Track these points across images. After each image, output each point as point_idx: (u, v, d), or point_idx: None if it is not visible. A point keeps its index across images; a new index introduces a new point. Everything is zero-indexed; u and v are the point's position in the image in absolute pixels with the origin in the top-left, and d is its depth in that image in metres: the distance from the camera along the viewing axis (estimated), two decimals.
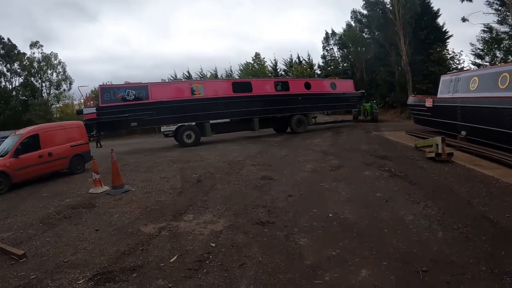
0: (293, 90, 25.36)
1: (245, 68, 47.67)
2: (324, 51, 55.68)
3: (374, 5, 40.45)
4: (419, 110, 21.33)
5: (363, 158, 13.18)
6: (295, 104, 25.17)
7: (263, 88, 24.67)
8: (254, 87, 24.12)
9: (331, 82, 28.51)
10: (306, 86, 26.08)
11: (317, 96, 26.26)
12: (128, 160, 17.35)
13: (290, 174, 11.21)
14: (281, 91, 25.09)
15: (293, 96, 25.18)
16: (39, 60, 53.55)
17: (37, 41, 53.80)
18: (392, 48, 39.56)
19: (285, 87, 25.45)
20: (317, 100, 26.43)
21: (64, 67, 55.94)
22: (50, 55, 53.81)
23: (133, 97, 20.47)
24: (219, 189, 9.83)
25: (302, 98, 25.43)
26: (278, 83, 25.86)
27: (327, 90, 27.21)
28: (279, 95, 24.81)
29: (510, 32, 30.64)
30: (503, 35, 32.21)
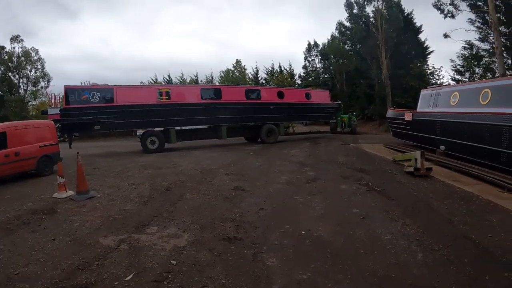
0: (264, 99, 24.84)
1: (225, 74, 47.12)
2: (306, 62, 55.54)
3: (357, 18, 40.68)
4: (398, 123, 21.16)
5: (340, 171, 12.80)
6: (266, 113, 24.53)
7: (233, 95, 23.90)
8: (224, 94, 23.40)
9: (306, 92, 27.97)
10: (279, 95, 25.38)
11: (290, 105, 25.55)
12: (100, 164, 16.78)
13: (264, 186, 10.73)
14: (252, 99, 24.46)
15: (265, 105, 24.61)
16: (18, 55, 51.40)
17: (18, 35, 52.02)
18: (373, 61, 39.56)
19: (256, 95, 24.92)
20: (290, 110, 25.72)
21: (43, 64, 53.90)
22: (31, 51, 52.10)
23: (97, 99, 19.78)
24: (188, 199, 9.27)
25: (274, 107, 24.84)
26: (249, 91, 25.22)
27: (301, 99, 26.53)
28: (249, 103, 24.10)
29: (491, 50, 30.83)
30: (483, 53, 32.54)
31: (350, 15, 41.27)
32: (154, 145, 21.30)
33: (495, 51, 25.61)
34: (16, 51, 50.96)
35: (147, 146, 21.20)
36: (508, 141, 11.27)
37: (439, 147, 15.87)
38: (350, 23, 42.93)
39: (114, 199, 9.49)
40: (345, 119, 34.09)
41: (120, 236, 6.62)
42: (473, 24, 31.27)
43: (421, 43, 41.18)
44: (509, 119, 11.25)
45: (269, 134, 24.91)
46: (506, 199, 8.66)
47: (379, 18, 36.91)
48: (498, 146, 11.73)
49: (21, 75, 51.69)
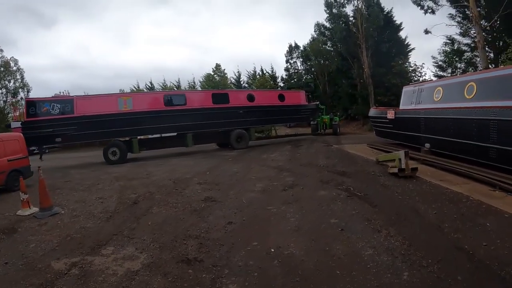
0: (233, 103, 23.74)
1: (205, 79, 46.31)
2: (288, 64, 55.14)
3: (337, 18, 40.12)
4: (381, 122, 20.48)
5: (320, 175, 12.00)
6: (235, 118, 23.54)
7: (198, 101, 23.14)
8: (189, 100, 22.59)
9: (279, 93, 27.07)
10: (249, 98, 24.57)
11: (261, 108, 24.55)
12: (73, 176, 16.03)
13: (237, 195, 9.94)
14: (219, 103, 23.28)
15: (233, 109, 23.56)
16: None
17: None
18: (354, 60, 39.34)
19: (224, 99, 23.73)
20: (261, 113, 24.72)
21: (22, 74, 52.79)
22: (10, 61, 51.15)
23: (58, 111, 19.25)
24: (154, 214, 8.52)
25: (244, 111, 23.84)
26: (216, 95, 24.17)
27: (274, 102, 25.40)
28: (216, 108, 23.06)
29: (472, 44, 30.55)
30: (465, 47, 32.34)
31: (329, 15, 40.64)
32: (115, 156, 20.47)
33: (477, 45, 25.21)
34: None
35: (108, 157, 20.41)
36: (496, 136, 10.59)
37: (424, 145, 15.21)
38: (329, 23, 42.30)
39: (77, 215, 8.81)
40: (326, 120, 33.48)
41: (74, 258, 5.98)
42: (453, 19, 31.13)
43: (401, 41, 41.10)
44: (497, 112, 10.57)
45: (239, 140, 24.05)
46: (498, 199, 7.98)
47: (359, 17, 36.53)
48: (486, 142, 11.04)
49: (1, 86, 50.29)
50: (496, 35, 29.49)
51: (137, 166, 18.09)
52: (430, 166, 12.32)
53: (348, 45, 39.13)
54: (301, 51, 53.05)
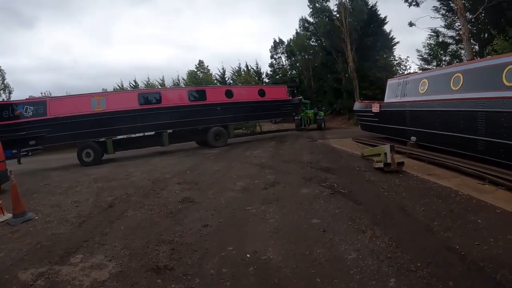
0: (210, 100, 23.07)
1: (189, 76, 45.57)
2: (272, 60, 54.81)
3: (321, 12, 39.63)
4: (366, 116, 20.10)
5: (303, 172, 11.53)
6: (212, 115, 22.90)
7: (174, 98, 22.42)
8: (164, 98, 22.01)
9: (259, 88, 26.28)
10: (227, 94, 23.79)
11: (240, 105, 23.86)
12: (52, 179, 15.52)
13: (215, 195, 9.46)
14: (196, 101, 22.76)
15: (210, 106, 22.91)
16: None
17: None
18: (339, 55, 38.96)
19: (201, 96, 23.07)
20: (240, 109, 23.97)
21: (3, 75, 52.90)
22: None
23: (31, 113, 18.78)
24: (128, 217, 8.04)
25: (222, 108, 23.25)
26: (192, 92, 23.44)
27: (253, 97, 24.70)
28: (193, 105, 22.49)
29: (457, 37, 30.36)
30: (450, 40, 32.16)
31: (313, 9, 40.17)
32: (89, 158, 19.99)
33: (462, 37, 24.91)
34: None
35: (82, 159, 19.97)
36: (484, 128, 10.22)
37: (410, 138, 14.83)
38: (313, 18, 41.81)
39: (50, 221, 8.39)
40: (310, 114, 32.80)
41: (41, 268, 5.59)
42: (438, 11, 30.81)
43: (386, 35, 40.69)
44: (485, 104, 10.20)
45: (217, 138, 23.33)
46: (488, 193, 7.60)
47: (343, 11, 36.01)
48: (474, 134, 10.67)
49: None
50: (481, 27, 29.21)
51: (118, 167, 17.57)
52: (417, 160, 11.96)
53: (332, 40, 38.69)
54: (285, 47, 52.80)
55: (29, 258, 6.08)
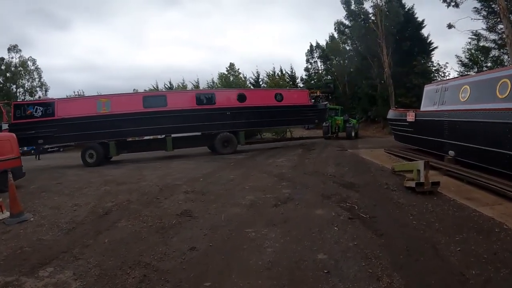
0: (220, 104, 22.21)
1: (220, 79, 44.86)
2: (308, 64, 53.74)
3: (356, 15, 38.12)
4: (400, 125, 18.50)
5: (323, 187, 10.27)
6: (221, 120, 21.93)
7: (180, 102, 21.76)
8: (170, 101, 21.44)
9: (276, 92, 24.54)
10: (239, 98, 22.78)
11: (252, 109, 22.55)
12: (68, 178, 15.66)
13: (218, 210, 8.48)
14: (204, 105, 21.99)
15: (219, 111, 22.03)
16: (16, 65, 54.19)
17: (15, 45, 55.07)
18: (374, 60, 37.23)
19: (210, 100, 22.30)
20: (253, 115, 22.67)
21: (40, 74, 56.71)
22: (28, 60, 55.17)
23: (40, 113, 19.88)
24: (118, 229, 7.50)
25: (232, 113, 22.19)
26: (201, 95, 22.72)
27: (269, 102, 23.21)
28: (200, 109, 21.71)
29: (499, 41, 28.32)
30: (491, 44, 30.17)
31: (348, 12, 38.60)
32: (92, 159, 20.31)
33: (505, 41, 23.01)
34: (13, 61, 54.73)
35: (86, 159, 20.40)
36: None
37: (448, 152, 13.23)
38: (348, 20, 40.18)
39: (43, 224, 8.23)
40: (339, 121, 30.65)
41: (9, 277, 5.39)
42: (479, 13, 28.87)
43: (423, 39, 38.54)
44: None
45: (225, 144, 22.32)
46: None
47: (378, 14, 34.56)
48: None
49: (18, 85, 55.14)
50: None
51: (135, 169, 17.36)
52: (455, 179, 10.44)
53: (368, 44, 36.93)
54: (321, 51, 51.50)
55: (4, 264, 5.91)
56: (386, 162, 14.29)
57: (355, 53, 43.03)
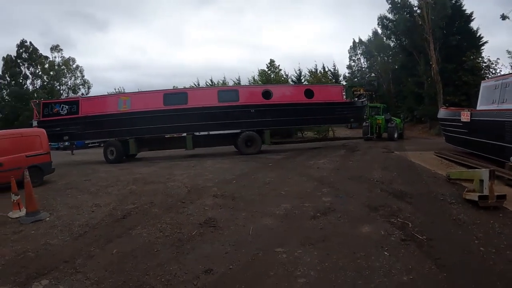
0: (244, 101, 21.18)
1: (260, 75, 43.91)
2: (351, 61, 52.34)
3: (400, 8, 36.32)
4: (453, 126, 16.85)
5: (369, 195, 9.09)
6: (245, 118, 20.89)
7: (201, 99, 21.05)
8: (190, 99, 20.92)
9: (306, 88, 22.87)
10: (264, 95, 21.46)
11: (279, 107, 21.22)
12: (98, 174, 15.73)
13: (247, 220, 7.54)
14: (227, 102, 21.06)
15: (242, 108, 21.00)
16: (58, 64, 57.94)
17: (57, 45, 58.81)
18: (420, 56, 35.30)
19: (233, 97, 21.35)
20: (280, 113, 21.30)
21: (82, 72, 60.47)
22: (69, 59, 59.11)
23: (65, 111, 20.75)
24: (131, 237, 6.89)
25: (257, 110, 21.02)
26: (223, 92, 21.92)
27: (298, 99, 21.65)
28: (222, 107, 20.85)
29: None
30: None
31: (391, 4, 36.74)
32: (112, 155, 20.80)
33: None
34: (56, 60, 58.41)
35: (107, 156, 20.92)
36: None
37: (509, 158, 11.66)
38: (392, 14, 38.20)
39: (56, 225, 7.91)
40: (380, 121, 28.01)
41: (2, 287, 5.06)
42: None
43: (473, 33, 35.93)
44: None
45: (249, 144, 21.22)
46: None
47: (424, 6, 32.64)
48: None
49: (61, 83, 59.28)
50: None
51: (168, 167, 17.03)
52: None
53: (413, 39, 35.15)
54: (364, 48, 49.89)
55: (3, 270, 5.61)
56: (438, 167, 12.91)
57: (400, 49, 41.24)
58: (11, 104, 50.60)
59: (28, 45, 55.95)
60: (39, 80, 57.38)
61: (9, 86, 54.67)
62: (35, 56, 56.09)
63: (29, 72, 56.49)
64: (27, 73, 56.42)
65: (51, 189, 12.42)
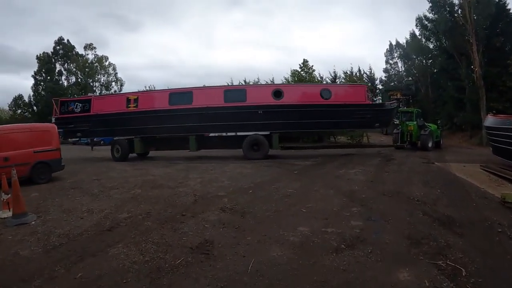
0: (251, 101, 19.68)
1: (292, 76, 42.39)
2: (387, 65, 50.74)
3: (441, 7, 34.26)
4: (503, 136, 14.77)
5: (409, 221, 7.36)
6: (251, 119, 19.45)
7: (207, 99, 20.03)
8: (196, 98, 20.10)
9: (322, 88, 20.94)
10: (275, 95, 19.80)
11: (290, 108, 19.49)
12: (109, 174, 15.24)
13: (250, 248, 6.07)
14: (233, 102, 19.85)
15: (249, 109, 19.57)
16: (92, 62, 61.22)
17: (91, 43, 62.13)
18: (462, 58, 32.91)
19: (239, 97, 20.07)
20: (291, 114, 19.45)
21: (115, 69, 63.46)
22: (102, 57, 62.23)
23: (79, 109, 21.45)
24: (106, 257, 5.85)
25: (265, 112, 19.43)
26: (229, 91, 20.81)
27: (312, 100, 19.70)
28: (227, 107, 19.70)
29: None
30: None
31: (432, 3, 34.62)
32: (118, 153, 20.98)
33: None
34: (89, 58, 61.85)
35: (113, 154, 21.22)
36: None
37: None
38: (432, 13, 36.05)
39: (36, 232, 7.29)
40: (412, 127, 24.68)
41: None
42: None
43: None
44: None
45: (255, 147, 19.75)
46: None
47: (466, 5, 30.40)
48: None
49: (94, 80, 62.11)
50: None
51: (184, 169, 16.22)
52: None
53: (454, 40, 32.81)
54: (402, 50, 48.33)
55: None
56: (488, 184, 11.17)
57: (439, 51, 38.61)
58: (46, 99, 51.75)
59: (65, 43, 59.26)
60: (73, 76, 60.53)
61: (44, 81, 57.68)
62: (71, 53, 59.06)
63: (64, 69, 59.92)
64: (62, 70, 59.82)
65: (55, 188, 12.13)
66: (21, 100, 60.74)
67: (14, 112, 60.91)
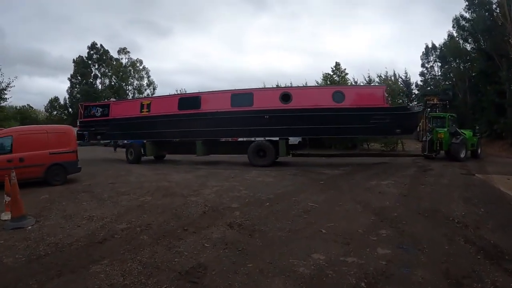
0: (258, 105, 18.81)
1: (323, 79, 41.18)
2: (423, 69, 48.94)
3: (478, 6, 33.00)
4: None
5: (448, 250, 6.10)
6: (257, 124, 18.65)
7: (214, 104, 19.82)
8: (204, 103, 20.15)
9: (335, 90, 19.21)
10: (282, 98, 18.64)
11: (299, 113, 18.19)
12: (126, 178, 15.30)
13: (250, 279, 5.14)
14: (240, 106, 19.14)
15: (255, 114, 18.73)
16: (125, 65, 63.65)
17: (124, 47, 64.57)
18: (502, 60, 30.89)
19: (246, 101, 19.18)
20: (301, 119, 18.25)
21: (148, 73, 65.69)
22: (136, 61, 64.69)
23: (99, 113, 22.87)
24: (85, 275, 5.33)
25: (272, 117, 18.39)
26: (236, 96, 19.72)
27: (323, 103, 18.09)
28: (233, 112, 19.14)
29: None
30: None
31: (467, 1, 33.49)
32: (131, 156, 21.93)
33: None
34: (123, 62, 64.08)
35: (128, 157, 22.15)
36: None
37: None
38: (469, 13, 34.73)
39: (29, 238, 7.15)
40: (443, 135, 22.22)
41: None
42: None
43: None
44: None
45: (261, 154, 19.00)
46: None
47: (505, 3, 28.72)
48: None
49: (128, 83, 63.97)
50: None
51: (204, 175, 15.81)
52: None
53: (494, 40, 31.06)
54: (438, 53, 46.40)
55: None
56: None
57: (478, 53, 36.63)
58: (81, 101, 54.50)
59: (98, 47, 61.82)
60: (107, 80, 63.03)
61: (79, 84, 60.73)
62: (105, 57, 61.86)
63: (98, 72, 62.51)
64: (97, 73, 62.39)
65: (67, 190, 12.23)
66: (57, 102, 64.26)
67: (50, 114, 64.39)
